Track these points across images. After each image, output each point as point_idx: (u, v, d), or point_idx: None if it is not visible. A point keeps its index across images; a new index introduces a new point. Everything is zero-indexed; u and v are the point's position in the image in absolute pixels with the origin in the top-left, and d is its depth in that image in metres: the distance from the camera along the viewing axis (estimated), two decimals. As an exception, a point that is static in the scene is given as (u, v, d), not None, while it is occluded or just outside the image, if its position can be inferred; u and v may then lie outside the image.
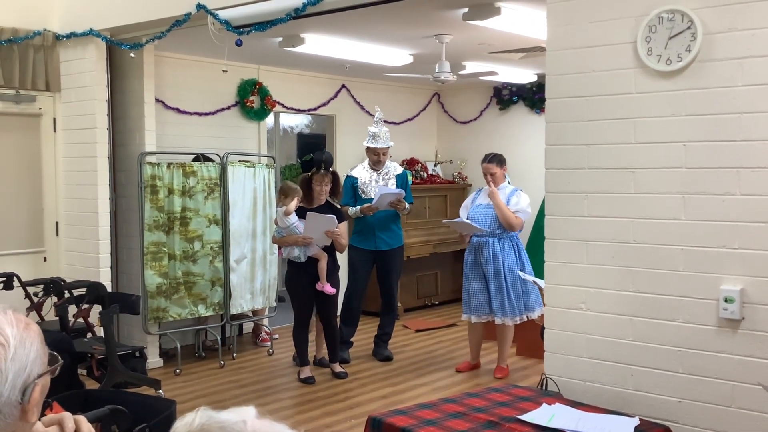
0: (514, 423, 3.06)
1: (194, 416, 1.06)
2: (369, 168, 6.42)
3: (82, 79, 5.95)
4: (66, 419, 1.51)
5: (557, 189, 3.61)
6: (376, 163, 6.37)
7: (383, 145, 6.31)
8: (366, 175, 6.39)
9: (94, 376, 4.91)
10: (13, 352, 1.26)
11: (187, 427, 1.04)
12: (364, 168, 6.44)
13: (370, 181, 6.35)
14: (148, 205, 6.02)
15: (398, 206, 6.20)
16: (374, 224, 6.25)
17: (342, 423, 4.86)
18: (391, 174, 6.42)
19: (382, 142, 6.30)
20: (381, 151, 6.31)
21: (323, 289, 5.71)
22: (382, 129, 6.32)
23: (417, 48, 6.52)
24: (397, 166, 6.62)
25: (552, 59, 3.60)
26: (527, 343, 6.25)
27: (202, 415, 1.06)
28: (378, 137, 6.29)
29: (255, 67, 7.38)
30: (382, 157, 6.34)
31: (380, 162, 6.36)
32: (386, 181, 6.36)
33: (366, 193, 6.31)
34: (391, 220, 6.35)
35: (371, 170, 6.40)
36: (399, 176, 6.44)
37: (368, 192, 6.31)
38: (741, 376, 3.08)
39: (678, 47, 3.18)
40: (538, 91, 8.32)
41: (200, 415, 1.06)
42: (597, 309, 3.49)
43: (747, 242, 3.06)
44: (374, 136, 6.31)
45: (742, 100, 3.05)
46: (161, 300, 6.09)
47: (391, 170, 6.44)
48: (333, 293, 5.77)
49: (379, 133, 6.30)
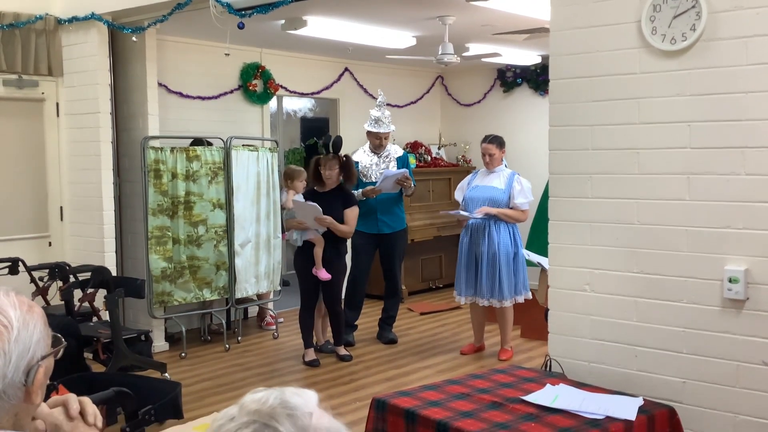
0: (518, 404, 3.07)
1: (269, 395, 1.06)
2: (370, 152, 6.39)
3: (84, 63, 5.93)
4: (71, 401, 1.52)
5: (561, 171, 3.60)
6: (377, 147, 6.34)
7: (385, 130, 6.27)
8: (367, 158, 6.36)
9: (100, 360, 4.94)
10: (17, 333, 1.26)
11: (258, 404, 1.04)
12: (365, 152, 6.41)
13: (371, 164, 6.33)
14: (152, 189, 6.02)
15: (405, 184, 6.17)
16: (376, 207, 6.24)
17: (347, 405, 4.88)
18: (392, 157, 6.39)
19: (384, 127, 6.26)
20: (383, 135, 6.28)
21: (317, 274, 5.69)
22: (384, 113, 6.28)
23: (420, 30, 6.48)
24: (398, 148, 6.59)
25: (556, 40, 3.58)
26: (531, 325, 6.26)
27: (276, 396, 1.05)
28: (380, 122, 6.25)
29: (257, 50, 7.36)
30: (383, 141, 6.32)
31: (381, 146, 6.33)
32: (387, 164, 6.34)
33: (367, 176, 6.28)
34: (394, 203, 6.33)
35: (372, 154, 6.38)
36: (400, 159, 6.42)
37: (369, 176, 6.28)
38: (745, 356, 3.08)
39: (683, 26, 3.15)
40: (542, 72, 8.28)
41: (274, 396, 1.06)
42: (601, 290, 3.49)
43: (752, 222, 3.05)
44: (376, 120, 6.27)
45: (747, 80, 3.03)
46: (166, 284, 6.10)
47: (392, 153, 6.42)
48: (328, 279, 5.71)
49: (382, 117, 6.25)
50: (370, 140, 6.36)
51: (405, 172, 6.16)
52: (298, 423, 1.02)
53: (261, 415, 1.02)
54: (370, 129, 6.28)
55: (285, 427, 1.01)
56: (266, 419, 1.02)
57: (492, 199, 5.73)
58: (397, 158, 6.40)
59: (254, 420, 1.02)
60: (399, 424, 3.06)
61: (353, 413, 4.68)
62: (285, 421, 1.01)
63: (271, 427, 1.01)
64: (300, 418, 1.03)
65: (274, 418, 1.02)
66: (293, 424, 1.01)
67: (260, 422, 1.01)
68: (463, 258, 5.86)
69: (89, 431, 1.52)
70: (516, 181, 5.77)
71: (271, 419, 1.02)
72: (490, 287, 5.73)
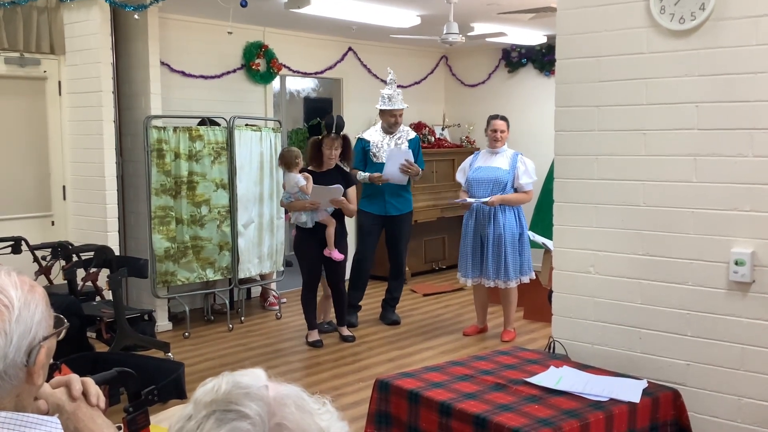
0: (521, 385, 3.06)
1: (219, 382, 1.04)
2: (381, 131, 6.35)
3: (86, 41, 5.89)
4: (73, 381, 1.51)
5: (567, 152, 3.57)
6: (392, 126, 6.29)
7: (399, 107, 6.24)
8: (378, 138, 6.32)
9: (104, 339, 4.95)
10: (18, 313, 1.25)
11: (213, 395, 1.02)
12: (377, 131, 6.37)
13: (383, 144, 6.29)
14: (155, 169, 6.00)
15: (411, 170, 6.14)
16: (384, 189, 6.21)
17: (350, 385, 4.89)
18: (404, 138, 6.35)
19: (398, 104, 6.23)
20: (398, 112, 6.25)
21: (331, 255, 5.70)
22: (396, 90, 6.25)
23: (424, 9, 6.42)
24: (410, 130, 6.56)
25: (563, 19, 3.54)
26: (535, 307, 6.25)
27: (228, 381, 1.04)
28: (393, 99, 6.22)
29: (261, 29, 7.30)
30: (398, 118, 6.28)
31: (397, 123, 6.29)
32: (399, 146, 6.30)
33: (378, 156, 6.24)
34: (401, 186, 6.30)
35: (384, 134, 6.34)
36: (411, 141, 6.37)
37: (380, 156, 6.24)
38: (750, 339, 3.07)
39: (691, 5, 3.11)
40: (548, 53, 8.22)
41: (225, 381, 1.04)
42: (606, 272, 3.47)
43: (759, 204, 3.02)
44: (390, 97, 6.23)
45: (756, 60, 2.99)
46: (169, 264, 6.10)
47: (404, 135, 6.38)
48: (341, 259, 5.75)
49: (394, 94, 6.23)
50: (385, 119, 6.31)
51: (408, 153, 6.11)
52: (256, 398, 1.00)
53: (218, 403, 1.00)
54: (384, 107, 6.24)
55: (246, 406, 0.99)
56: (224, 405, 1.00)
57: (496, 179, 5.70)
58: (409, 140, 6.36)
59: (213, 410, 1.00)
60: (402, 405, 3.06)
61: (356, 393, 4.69)
62: (243, 400, 1.00)
63: (232, 411, 0.99)
64: (257, 393, 1.01)
65: (231, 401, 1.00)
66: (252, 401, 1.00)
67: (219, 410, 0.99)
68: (468, 240, 5.84)
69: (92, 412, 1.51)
70: (520, 162, 5.74)
71: (229, 403, 1.00)
72: (496, 269, 5.72)
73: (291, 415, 1.01)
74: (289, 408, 1.01)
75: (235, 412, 0.99)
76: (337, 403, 1.10)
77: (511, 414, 2.76)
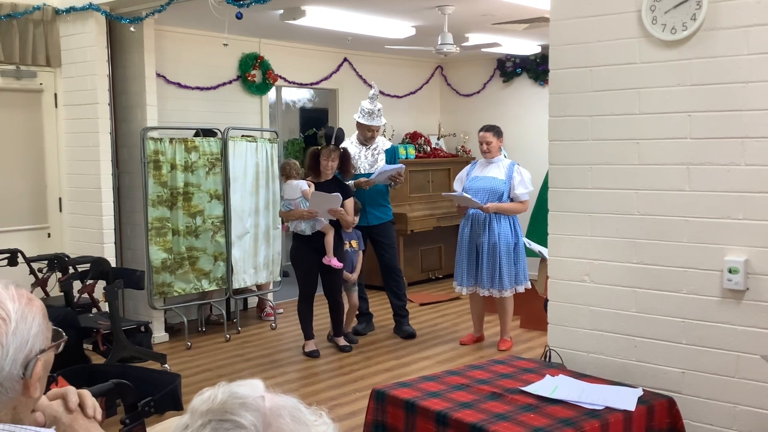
0: (517, 394, 3.07)
1: (215, 392, 1.04)
2: (357, 143, 6.35)
3: (82, 54, 5.91)
4: (70, 393, 1.52)
5: (561, 161, 3.59)
6: (368, 140, 6.27)
7: (377, 124, 6.22)
8: (355, 150, 6.28)
9: (100, 351, 4.94)
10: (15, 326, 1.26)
11: (209, 404, 1.02)
12: (352, 143, 6.32)
13: (359, 156, 6.28)
14: (152, 180, 6.01)
15: (398, 179, 6.16)
16: (365, 200, 6.20)
17: (347, 396, 4.89)
18: (380, 149, 6.35)
19: (377, 120, 6.20)
20: (374, 128, 6.24)
21: (330, 262, 5.70)
22: (376, 106, 6.21)
23: (419, 20, 6.46)
24: (385, 141, 6.55)
25: (556, 29, 3.56)
26: (531, 316, 6.26)
27: (223, 390, 1.04)
28: (373, 114, 6.17)
29: (256, 40, 7.33)
30: (375, 133, 6.29)
31: (373, 138, 6.29)
32: (375, 156, 6.30)
33: (356, 168, 6.22)
34: (381, 196, 6.29)
35: (360, 146, 6.34)
36: (388, 151, 6.38)
37: (357, 167, 6.22)
38: (745, 347, 3.08)
39: (683, 16, 3.14)
40: (542, 62, 8.26)
41: (222, 391, 1.04)
42: (601, 281, 3.49)
43: (752, 213, 3.04)
44: (369, 113, 6.18)
45: (747, 69, 3.01)
46: (166, 275, 6.10)
47: (380, 145, 6.38)
48: (340, 267, 5.77)
49: (374, 110, 6.18)
50: (361, 132, 6.29)
51: (402, 167, 6.13)
52: (252, 408, 1.01)
53: (214, 412, 1.01)
54: (362, 121, 6.21)
55: (241, 416, 1.00)
56: (221, 415, 1.00)
57: (492, 189, 5.72)
58: (385, 150, 6.37)
59: (209, 420, 1.00)
60: (399, 415, 3.06)
61: (353, 404, 4.69)
62: (240, 410, 1.00)
63: (228, 421, 0.99)
64: (253, 403, 1.02)
65: (228, 411, 1.00)
66: (248, 411, 1.00)
67: (215, 419, 1.00)
68: (463, 248, 5.85)
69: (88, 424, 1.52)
70: (516, 172, 5.76)
71: (225, 413, 1.00)
72: (491, 277, 5.73)
73: (286, 426, 1.01)
74: (285, 419, 1.02)
75: (231, 422, 0.99)
76: (334, 413, 1.11)
77: (507, 423, 2.77)
